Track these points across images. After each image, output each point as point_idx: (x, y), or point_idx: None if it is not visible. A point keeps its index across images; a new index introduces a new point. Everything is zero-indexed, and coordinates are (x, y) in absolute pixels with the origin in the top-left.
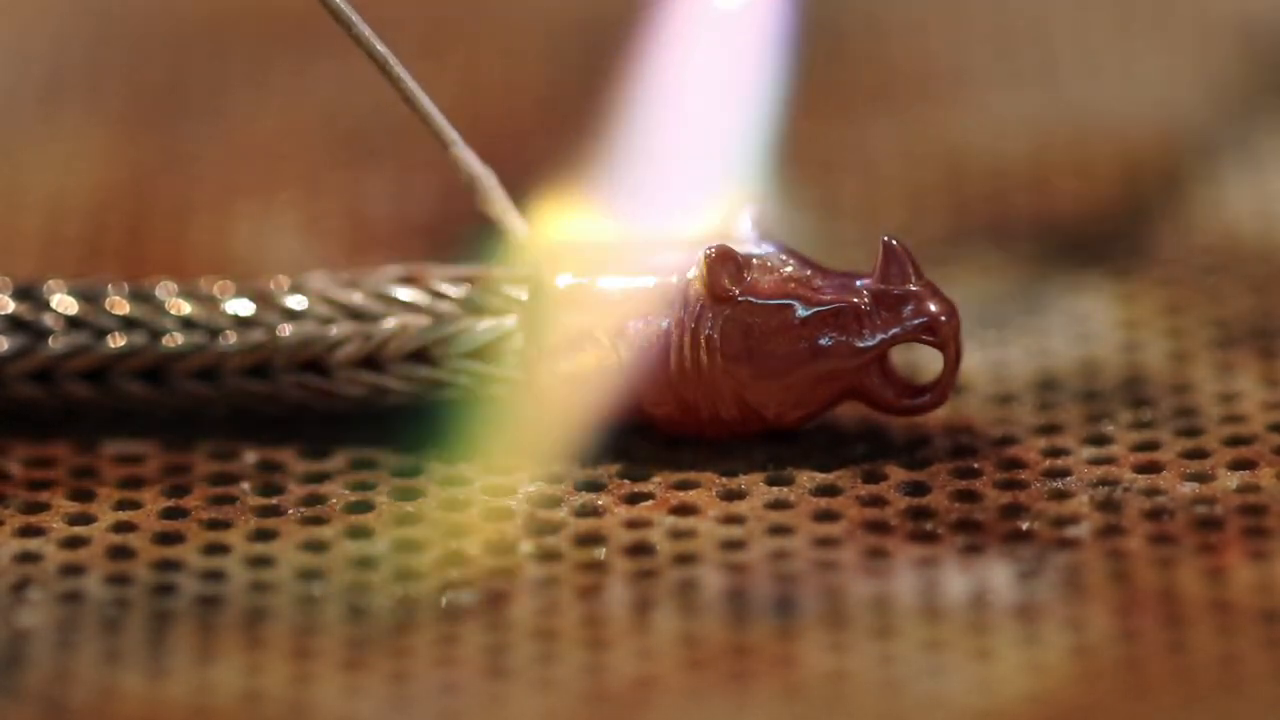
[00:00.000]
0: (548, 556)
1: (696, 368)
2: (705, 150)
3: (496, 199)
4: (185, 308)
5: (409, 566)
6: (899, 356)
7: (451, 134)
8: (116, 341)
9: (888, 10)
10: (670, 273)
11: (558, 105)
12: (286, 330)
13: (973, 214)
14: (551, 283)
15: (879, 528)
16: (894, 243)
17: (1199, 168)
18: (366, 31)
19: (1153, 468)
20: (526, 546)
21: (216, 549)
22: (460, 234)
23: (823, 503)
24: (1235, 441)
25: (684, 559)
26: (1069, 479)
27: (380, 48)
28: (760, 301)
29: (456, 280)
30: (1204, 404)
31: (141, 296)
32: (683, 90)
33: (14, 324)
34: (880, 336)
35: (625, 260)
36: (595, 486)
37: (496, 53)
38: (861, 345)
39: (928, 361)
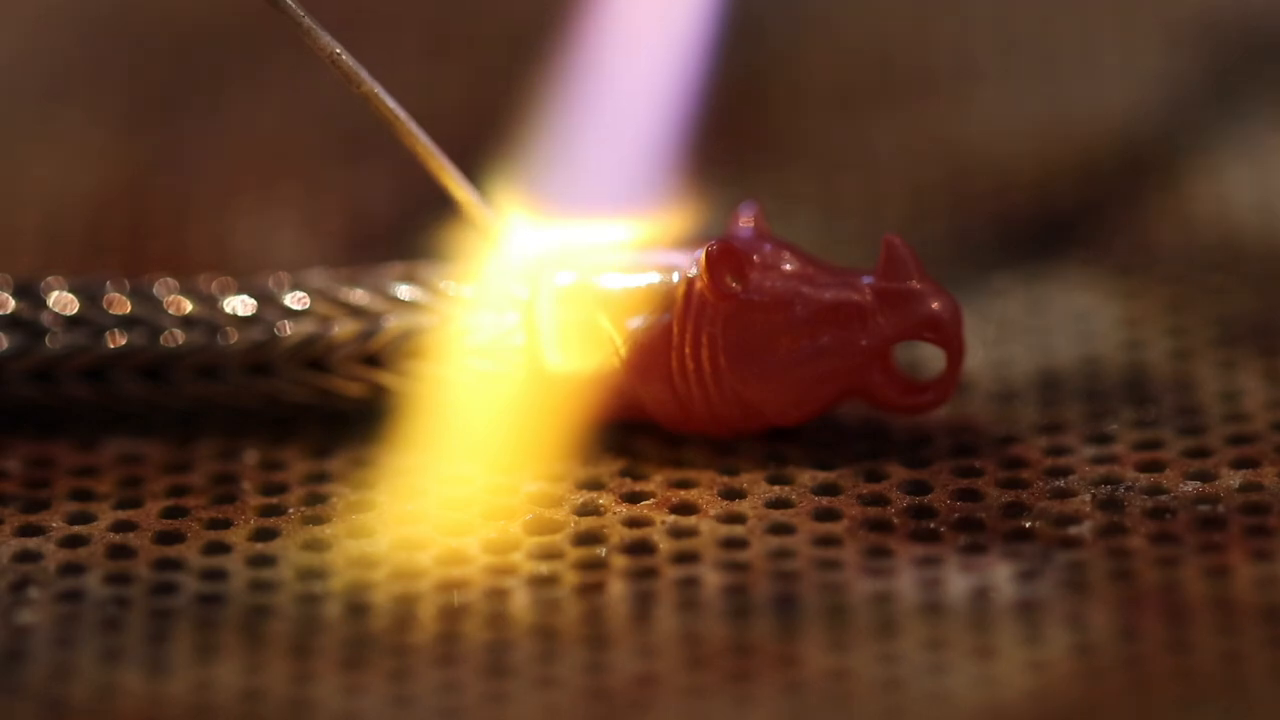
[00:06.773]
0: (548, 554)
1: (697, 365)
2: (633, 147)
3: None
4: (185, 306)
5: (409, 565)
6: (901, 354)
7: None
8: (116, 340)
9: (889, 7)
10: (671, 270)
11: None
12: (287, 328)
13: (975, 211)
14: (552, 280)
15: (880, 526)
16: (896, 240)
17: (1200, 164)
18: (379, 89)
19: (1155, 466)
20: (527, 544)
21: (217, 548)
22: (460, 232)
23: (824, 501)
24: (1238, 440)
25: (684, 557)
26: (1071, 477)
27: (394, 105)
28: (762, 299)
29: (457, 277)
30: (1206, 402)
31: (141, 294)
32: (607, 88)
33: (13, 322)
34: (882, 334)
35: (626, 258)
36: (596, 485)
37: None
38: (863, 343)
39: (929, 360)
